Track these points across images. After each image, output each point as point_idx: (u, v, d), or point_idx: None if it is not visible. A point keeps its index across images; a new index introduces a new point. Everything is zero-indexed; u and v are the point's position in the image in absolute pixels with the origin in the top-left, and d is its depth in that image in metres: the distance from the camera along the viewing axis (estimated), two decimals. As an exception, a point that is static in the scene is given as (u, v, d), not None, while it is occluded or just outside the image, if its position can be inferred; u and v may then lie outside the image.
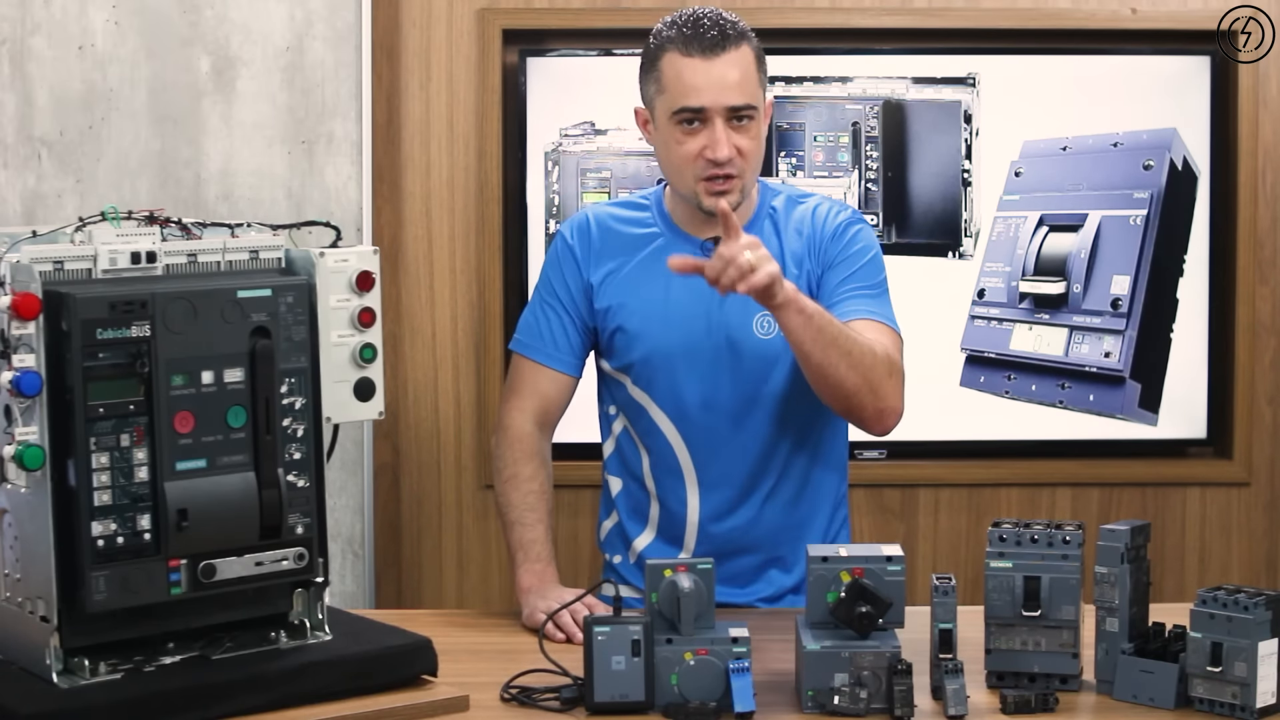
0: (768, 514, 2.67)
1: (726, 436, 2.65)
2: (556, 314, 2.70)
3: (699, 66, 2.54)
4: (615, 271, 2.68)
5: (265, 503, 2.13)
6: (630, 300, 2.66)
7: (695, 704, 2.11)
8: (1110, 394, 3.74)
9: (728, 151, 2.54)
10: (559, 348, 2.70)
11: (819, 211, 2.69)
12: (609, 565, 2.78)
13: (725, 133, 2.54)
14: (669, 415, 2.66)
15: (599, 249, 2.70)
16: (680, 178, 2.60)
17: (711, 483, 2.67)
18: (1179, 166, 3.71)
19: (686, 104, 2.55)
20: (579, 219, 2.74)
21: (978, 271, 3.73)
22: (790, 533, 2.69)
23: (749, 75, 2.57)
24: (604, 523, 2.80)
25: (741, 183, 2.58)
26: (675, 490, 2.68)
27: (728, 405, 2.64)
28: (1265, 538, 3.82)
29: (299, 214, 3.61)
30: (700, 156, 2.55)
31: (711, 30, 2.55)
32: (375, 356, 2.26)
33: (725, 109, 2.54)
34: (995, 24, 3.72)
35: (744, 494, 2.67)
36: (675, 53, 2.56)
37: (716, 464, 2.66)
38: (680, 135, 2.57)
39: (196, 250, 2.18)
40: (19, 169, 3.61)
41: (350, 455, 3.69)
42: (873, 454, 3.74)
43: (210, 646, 2.17)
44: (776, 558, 2.69)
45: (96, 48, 3.60)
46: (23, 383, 1.99)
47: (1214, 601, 2.11)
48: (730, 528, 2.67)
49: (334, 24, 3.63)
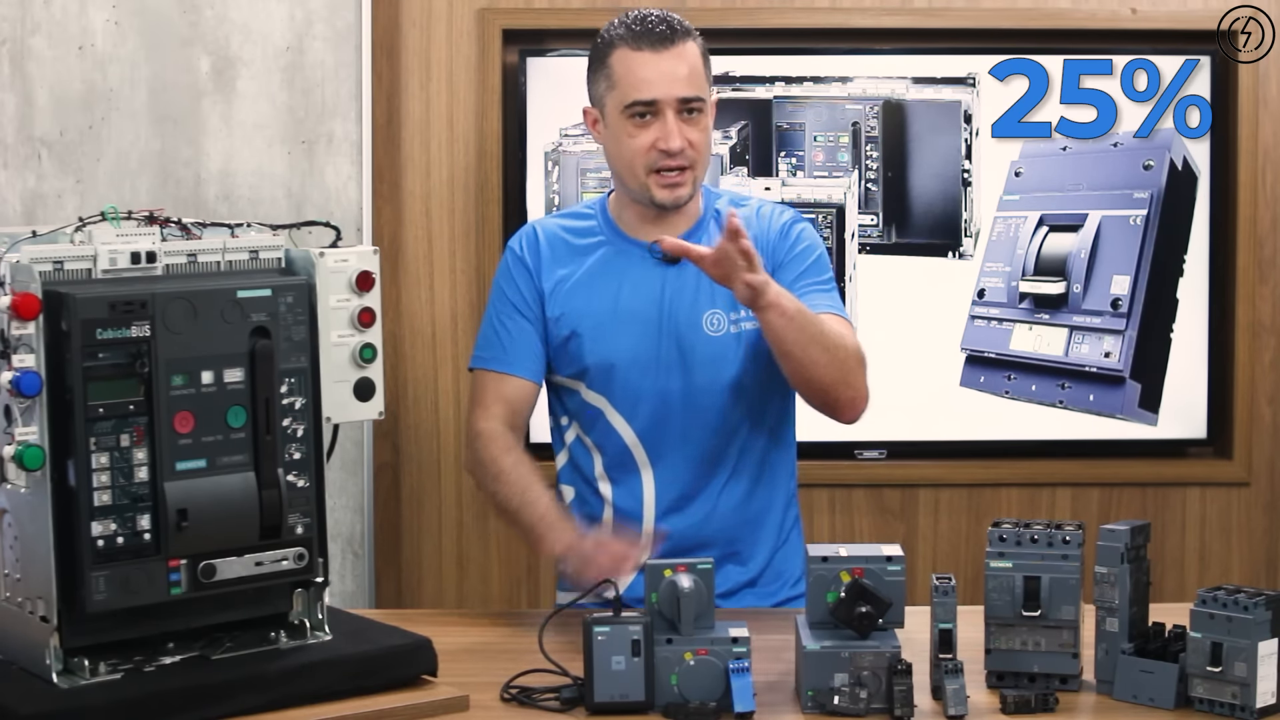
0: (722, 507, 2.70)
1: (680, 433, 2.68)
2: (515, 322, 2.71)
3: (649, 60, 2.60)
4: (564, 280, 2.71)
5: (265, 503, 2.13)
6: (581, 306, 2.68)
7: (695, 704, 2.11)
8: (1110, 394, 3.74)
9: (680, 142, 2.60)
10: (521, 354, 2.70)
11: (763, 213, 2.75)
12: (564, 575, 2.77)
13: (676, 124, 2.60)
14: (623, 415, 2.68)
15: (548, 258, 2.72)
16: (631, 172, 2.64)
17: (666, 478, 2.69)
18: (1179, 166, 3.71)
19: (639, 96, 2.60)
20: (526, 231, 2.78)
21: (978, 271, 3.73)
22: (745, 528, 2.72)
23: (697, 69, 2.63)
24: None
25: (694, 174, 2.64)
26: (630, 488, 2.70)
27: (680, 403, 2.67)
28: (1265, 538, 3.82)
29: (299, 214, 3.61)
30: (652, 149, 2.61)
31: (660, 26, 2.62)
32: (375, 356, 2.26)
33: (676, 100, 2.60)
34: (995, 24, 3.72)
35: (698, 488, 2.69)
36: (625, 48, 2.62)
37: (671, 460, 2.68)
38: (632, 129, 2.62)
39: (196, 250, 2.18)
40: (19, 169, 3.61)
41: (350, 455, 3.69)
42: (873, 454, 3.74)
43: (210, 646, 2.17)
44: (733, 553, 2.71)
45: (96, 48, 3.60)
46: (23, 383, 1.99)
47: (1214, 601, 2.11)
48: (686, 523, 2.68)
49: (334, 24, 3.63)
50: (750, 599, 2.71)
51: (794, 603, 2.74)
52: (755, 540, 2.72)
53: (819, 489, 3.74)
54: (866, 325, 3.69)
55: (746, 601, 2.70)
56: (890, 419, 3.68)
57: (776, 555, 2.75)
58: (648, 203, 2.65)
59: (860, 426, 3.27)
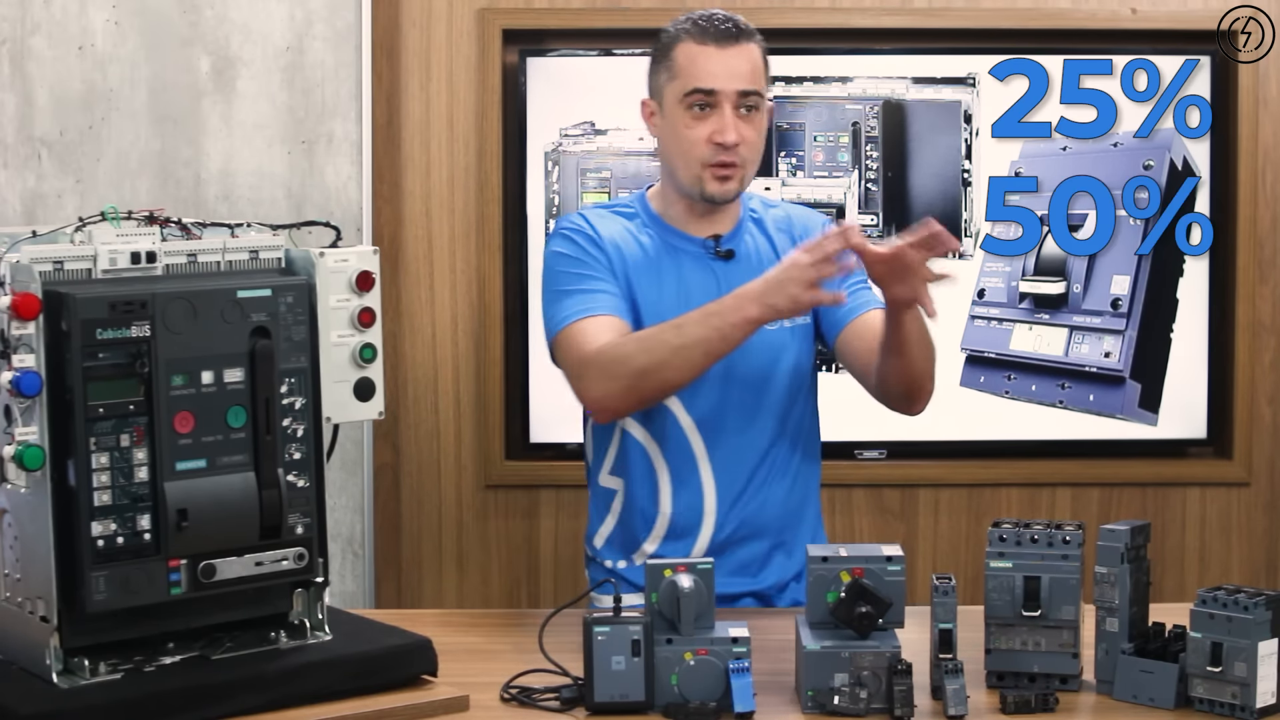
0: (774, 497, 2.72)
1: (737, 424, 2.69)
2: (601, 280, 2.64)
3: (713, 53, 2.63)
4: (628, 272, 2.68)
5: (265, 503, 2.13)
6: (643, 290, 2.67)
7: (695, 704, 2.11)
8: (1110, 394, 3.74)
9: (735, 136, 2.61)
10: (616, 304, 2.62)
11: (796, 215, 2.79)
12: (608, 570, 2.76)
13: (734, 119, 2.62)
14: (684, 404, 2.68)
15: (607, 237, 2.69)
16: (686, 163, 2.65)
17: (724, 468, 2.69)
18: (1179, 166, 3.71)
19: (699, 85, 2.62)
20: (573, 215, 2.75)
21: (978, 271, 3.73)
22: (791, 518, 2.75)
23: (758, 69, 2.67)
24: (598, 529, 2.80)
25: (743, 173, 2.66)
26: (688, 479, 2.70)
27: (738, 393, 2.68)
28: (1265, 538, 3.82)
29: (299, 214, 3.61)
30: (709, 141, 2.62)
31: (726, 24, 2.66)
32: (375, 356, 2.26)
33: (735, 93, 2.62)
34: (995, 24, 3.72)
35: (754, 478, 2.71)
36: (690, 41, 2.65)
37: (728, 450, 2.69)
38: (689, 120, 2.63)
39: (196, 250, 2.18)
40: (19, 169, 3.61)
41: (350, 455, 3.69)
42: (873, 454, 3.74)
43: (210, 646, 2.17)
44: (781, 543, 2.73)
45: (96, 48, 3.60)
46: (23, 383, 1.99)
47: (1214, 601, 2.11)
48: (744, 514, 2.70)
49: (334, 24, 3.63)
50: (796, 592, 2.72)
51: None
52: (799, 531, 2.75)
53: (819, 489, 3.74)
54: (866, 325, 3.70)
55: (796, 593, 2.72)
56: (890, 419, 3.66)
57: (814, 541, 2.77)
58: (698, 196, 2.66)
59: (860, 426, 3.29)
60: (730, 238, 2.70)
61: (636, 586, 2.69)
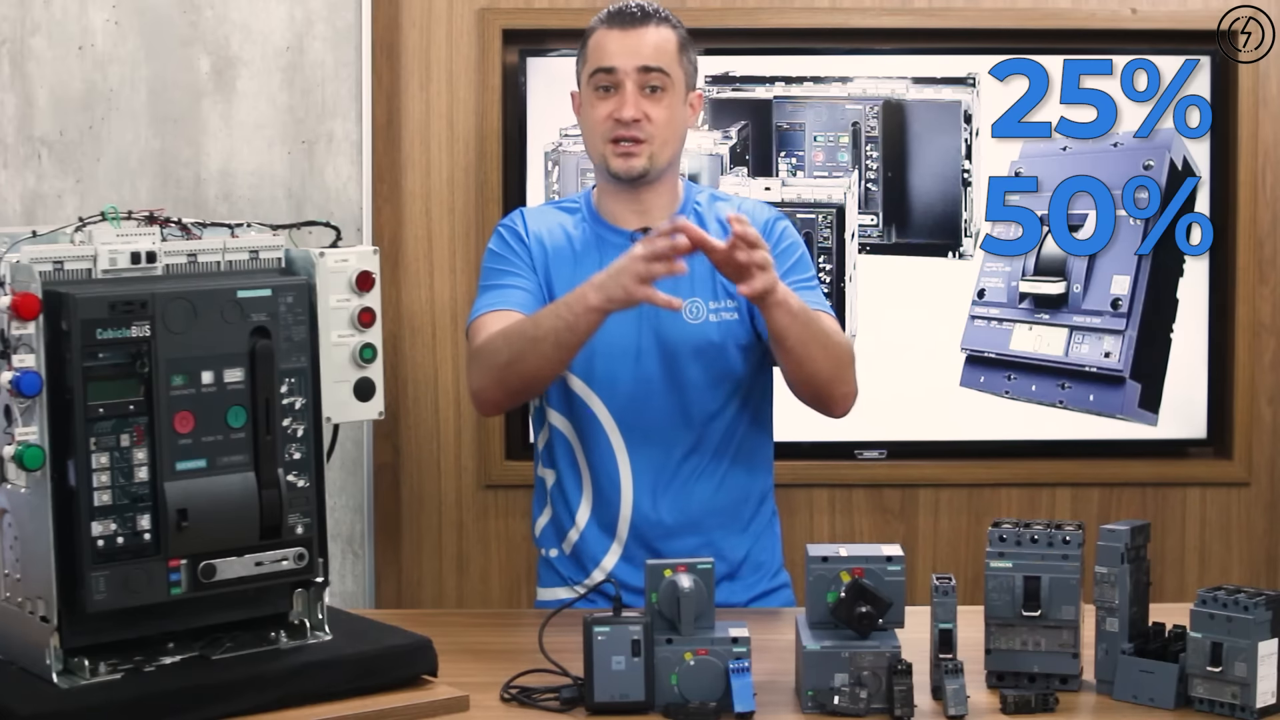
0: (698, 495, 2.72)
1: (657, 420, 2.70)
2: (516, 276, 2.73)
3: (616, 35, 2.72)
4: (548, 266, 2.74)
5: (265, 503, 2.13)
6: (563, 287, 2.69)
7: (695, 704, 2.11)
8: (1110, 394, 3.74)
9: (633, 111, 2.67)
10: (526, 299, 2.69)
11: (745, 209, 2.79)
12: (544, 560, 2.82)
13: (635, 96, 2.67)
14: (602, 399, 2.71)
15: (536, 233, 2.77)
16: (592, 142, 2.73)
17: (643, 464, 2.71)
18: (1179, 166, 3.71)
19: (600, 64, 2.70)
20: (513, 214, 2.84)
21: (978, 271, 3.73)
22: (721, 516, 2.73)
23: (664, 49, 2.71)
24: (538, 519, 2.84)
25: (649, 149, 2.69)
26: (608, 472, 2.72)
27: (658, 389, 2.70)
28: (1265, 538, 3.82)
29: (299, 214, 3.61)
30: (609, 118, 2.69)
31: (633, 9, 2.74)
32: (375, 356, 2.26)
33: (635, 70, 2.68)
34: (995, 24, 3.71)
35: (675, 475, 2.71)
36: (600, 29, 2.75)
37: (648, 446, 2.71)
38: (594, 100, 2.72)
39: (196, 250, 2.18)
40: (19, 169, 3.61)
41: (350, 455, 3.69)
42: (873, 454, 3.74)
43: (210, 646, 2.17)
44: (707, 542, 2.72)
45: (96, 48, 3.60)
46: (23, 383, 2.00)
47: (1214, 601, 2.11)
48: (663, 510, 2.71)
49: (334, 24, 3.63)
50: (726, 592, 2.70)
51: (772, 596, 2.76)
52: (731, 530, 2.75)
53: (819, 489, 3.74)
54: (866, 325, 3.69)
55: (723, 593, 2.70)
56: (890, 419, 3.68)
57: (755, 547, 2.77)
58: (607, 174, 2.72)
59: (860, 426, 3.28)
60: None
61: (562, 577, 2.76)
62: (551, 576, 2.79)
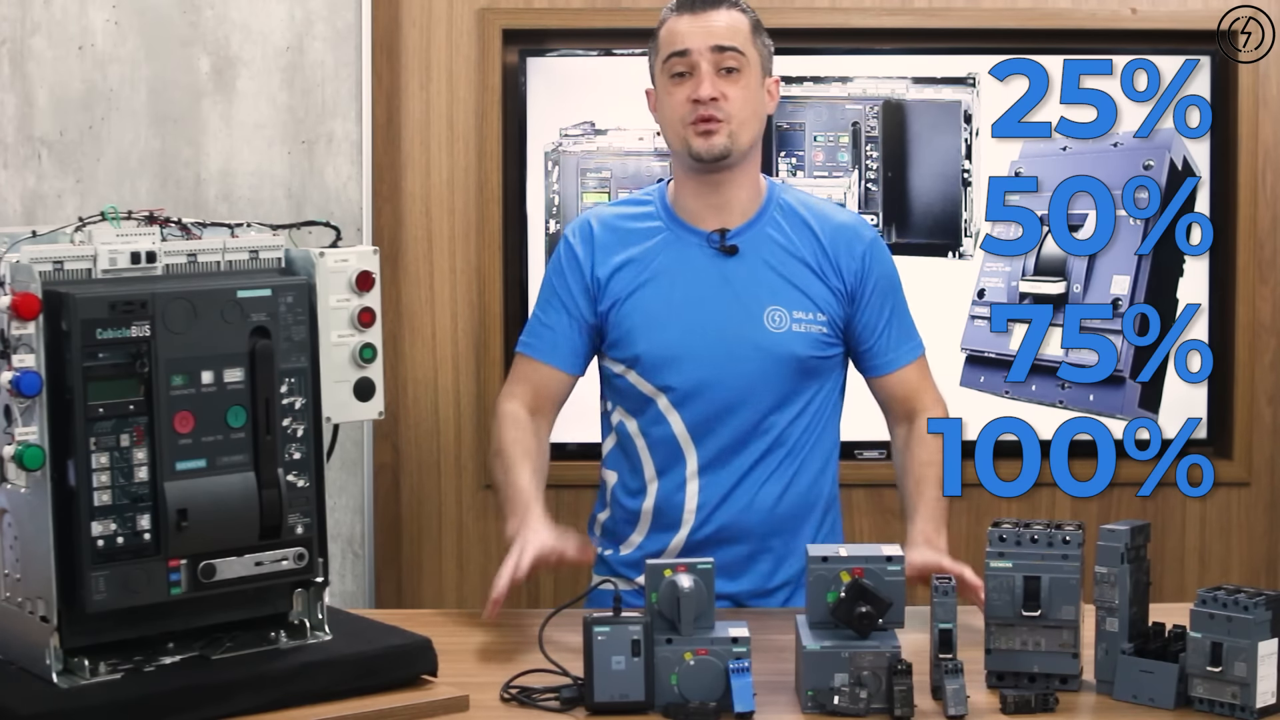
0: (761, 503, 2.70)
1: (729, 427, 2.68)
2: (556, 315, 2.73)
3: (687, 19, 2.67)
4: (622, 267, 2.71)
5: (265, 503, 2.13)
6: (638, 293, 2.69)
7: (695, 704, 2.11)
8: (1110, 394, 3.74)
9: (710, 89, 2.62)
10: (556, 345, 2.72)
11: (832, 217, 2.76)
12: (600, 559, 2.80)
13: (711, 76, 2.63)
14: (675, 405, 2.68)
15: (604, 245, 2.72)
16: (672, 128, 2.68)
17: (711, 470, 2.69)
18: (1179, 166, 3.71)
19: (673, 49, 2.66)
20: (581, 221, 2.78)
21: (978, 271, 3.73)
22: (785, 522, 2.72)
23: (736, 29, 2.68)
24: (597, 515, 2.84)
25: (729, 128, 2.65)
26: (674, 477, 2.70)
27: (732, 397, 2.67)
28: (1265, 538, 3.82)
29: (299, 214, 3.61)
30: (687, 100, 2.64)
31: None
32: (375, 356, 2.26)
33: (709, 50, 2.64)
34: (995, 24, 3.72)
35: (740, 482, 2.69)
36: (670, 18, 2.70)
37: (717, 452, 2.69)
38: (671, 88, 2.67)
39: (196, 250, 2.18)
40: (19, 169, 3.61)
41: (350, 455, 3.69)
42: (873, 454, 3.74)
43: (210, 646, 2.17)
44: (767, 549, 2.72)
45: (96, 48, 3.60)
46: (23, 383, 1.99)
47: (1214, 601, 2.11)
48: (726, 516, 2.69)
49: (334, 24, 3.63)
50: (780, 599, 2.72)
51: None
52: (795, 537, 2.72)
53: (819, 489, 3.74)
54: (866, 325, 3.69)
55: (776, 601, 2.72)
56: (890, 419, 3.68)
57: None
58: (688, 158, 2.66)
59: (860, 426, 3.28)
60: (739, 233, 2.69)
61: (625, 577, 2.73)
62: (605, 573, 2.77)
